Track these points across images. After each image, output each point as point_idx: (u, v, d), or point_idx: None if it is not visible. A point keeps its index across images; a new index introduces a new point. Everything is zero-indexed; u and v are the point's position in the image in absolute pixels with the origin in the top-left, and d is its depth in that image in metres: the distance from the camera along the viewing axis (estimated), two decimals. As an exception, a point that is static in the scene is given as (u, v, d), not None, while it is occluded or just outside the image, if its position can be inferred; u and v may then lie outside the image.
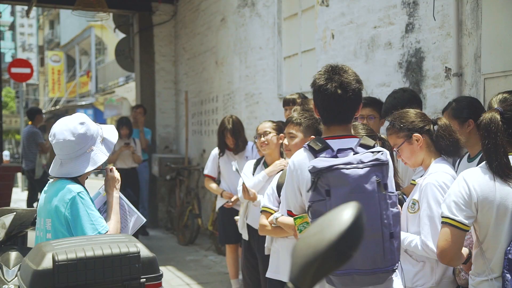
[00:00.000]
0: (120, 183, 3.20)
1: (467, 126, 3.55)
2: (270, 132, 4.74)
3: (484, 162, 2.64)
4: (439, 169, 3.06)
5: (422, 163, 3.19)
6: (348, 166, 2.52)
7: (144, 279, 2.27)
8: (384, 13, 5.32)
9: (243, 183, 4.76)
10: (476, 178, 2.60)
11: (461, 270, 2.96)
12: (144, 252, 2.30)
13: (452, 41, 4.49)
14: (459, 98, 3.92)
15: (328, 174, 2.52)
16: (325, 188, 2.54)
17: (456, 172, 3.17)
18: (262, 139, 4.76)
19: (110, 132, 3.14)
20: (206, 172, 6.37)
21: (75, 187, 2.91)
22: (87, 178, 3.17)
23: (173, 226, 10.15)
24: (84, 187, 3.01)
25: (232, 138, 6.10)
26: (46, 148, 9.93)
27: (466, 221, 2.57)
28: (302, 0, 6.90)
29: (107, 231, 2.85)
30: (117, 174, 3.21)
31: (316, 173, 2.55)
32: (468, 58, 4.39)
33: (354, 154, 2.62)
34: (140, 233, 9.64)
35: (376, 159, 2.57)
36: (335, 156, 2.62)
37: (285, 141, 3.91)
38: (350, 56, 5.81)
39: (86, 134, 2.97)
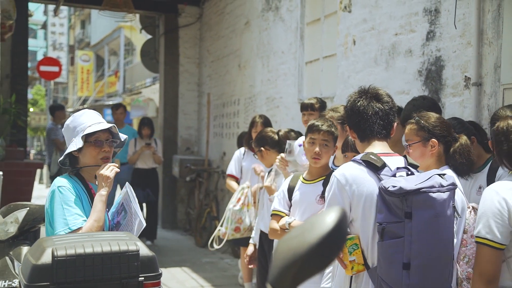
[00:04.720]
0: (111, 181, 2.94)
1: (472, 143, 3.52)
2: None
3: (506, 173, 2.64)
4: None
5: (427, 169, 3.16)
6: (433, 190, 2.48)
7: (143, 278, 2.27)
8: (406, 20, 5.27)
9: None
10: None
11: (464, 279, 2.91)
12: (144, 250, 2.30)
13: (472, 50, 4.43)
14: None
15: (413, 196, 2.45)
16: (406, 210, 2.46)
17: None
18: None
19: (93, 125, 3.00)
20: (229, 172, 6.37)
21: (59, 181, 2.92)
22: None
23: (191, 227, 10.18)
24: (81, 182, 2.97)
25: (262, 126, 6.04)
26: (61, 145, 9.96)
27: (506, 243, 2.51)
28: (325, 5, 6.88)
29: (78, 229, 2.74)
30: (108, 172, 2.94)
31: (403, 194, 2.45)
32: (488, 67, 4.32)
33: (408, 175, 2.62)
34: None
35: (453, 184, 2.57)
36: (394, 175, 2.59)
37: (313, 148, 3.69)
38: (371, 63, 5.77)
39: (69, 126, 3.05)
